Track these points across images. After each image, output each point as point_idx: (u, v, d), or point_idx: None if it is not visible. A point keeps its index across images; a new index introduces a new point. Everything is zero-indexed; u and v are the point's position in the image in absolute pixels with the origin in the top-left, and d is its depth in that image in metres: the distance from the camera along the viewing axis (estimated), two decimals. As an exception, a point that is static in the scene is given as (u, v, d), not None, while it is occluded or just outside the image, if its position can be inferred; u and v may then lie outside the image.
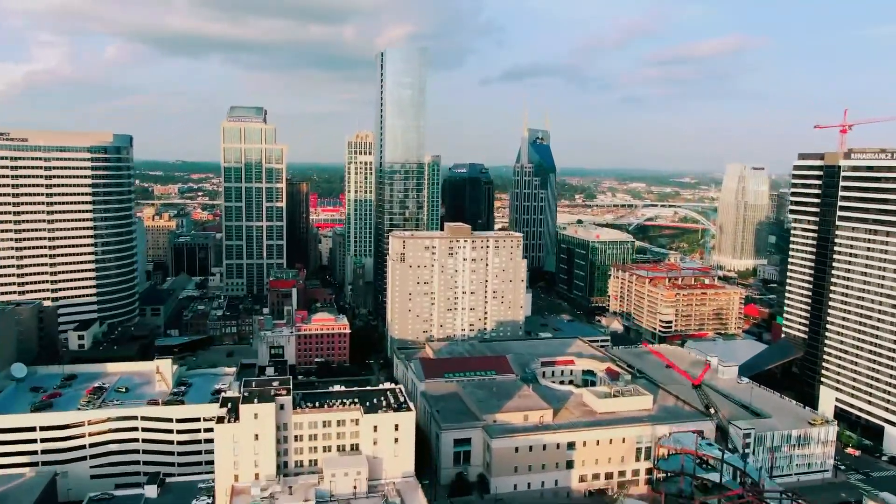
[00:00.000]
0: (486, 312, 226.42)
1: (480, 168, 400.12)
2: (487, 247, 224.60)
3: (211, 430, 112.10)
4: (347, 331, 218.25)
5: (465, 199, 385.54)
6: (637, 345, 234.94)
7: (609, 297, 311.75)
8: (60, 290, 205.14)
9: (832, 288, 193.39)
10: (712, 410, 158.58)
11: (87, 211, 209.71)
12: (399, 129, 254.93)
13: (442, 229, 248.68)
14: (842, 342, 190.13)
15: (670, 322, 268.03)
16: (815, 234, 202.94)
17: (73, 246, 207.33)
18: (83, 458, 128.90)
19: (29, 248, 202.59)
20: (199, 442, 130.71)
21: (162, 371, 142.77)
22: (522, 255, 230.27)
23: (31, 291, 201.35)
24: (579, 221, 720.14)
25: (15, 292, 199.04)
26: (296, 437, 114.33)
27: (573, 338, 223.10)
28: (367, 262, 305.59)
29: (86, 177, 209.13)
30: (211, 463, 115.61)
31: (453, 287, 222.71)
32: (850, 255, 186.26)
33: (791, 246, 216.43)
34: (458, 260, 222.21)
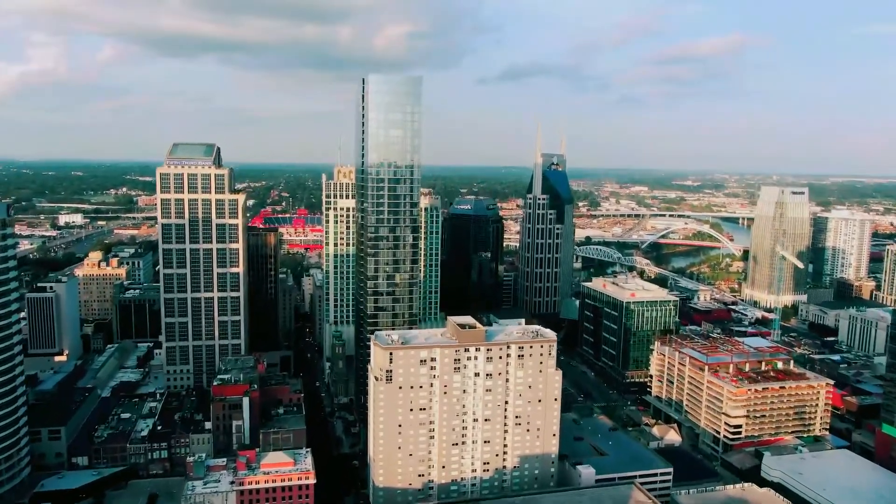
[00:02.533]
0: (505, 445, 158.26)
1: (487, 203, 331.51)
2: (508, 355, 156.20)
3: None
4: (311, 481, 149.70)
5: (470, 240, 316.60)
6: (710, 486, 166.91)
7: (650, 374, 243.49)
8: None
9: None
10: None
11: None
12: (386, 180, 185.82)
13: (444, 323, 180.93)
14: None
15: (740, 427, 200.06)
16: None
17: None
18: None
19: None
20: None
21: None
22: (557, 365, 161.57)
23: None
24: (588, 239, 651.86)
25: None
26: None
27: (626, 482, 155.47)
28: (348, 332, 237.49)
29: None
30: None
31: (461, 414, 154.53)
32: None
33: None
34: (468, 375, 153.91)
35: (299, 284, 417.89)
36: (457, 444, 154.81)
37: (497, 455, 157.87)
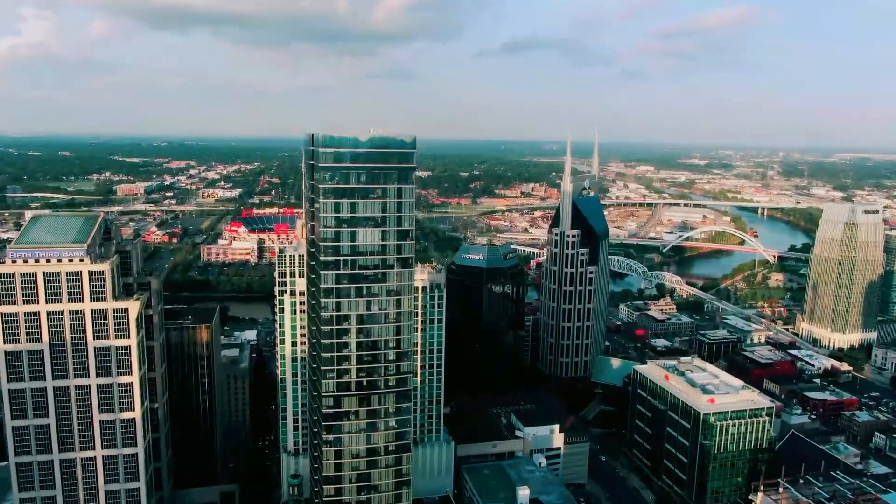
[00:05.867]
0: None
1: (505, 251, 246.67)
2: None
3: None
4: None
5: (482, 301, 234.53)
6: None
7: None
8: None
9: None
10: None
11: None
12: (353, 318, 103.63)
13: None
14: None
15: None
16: None
17: None
18: None
19: None
20: None
21: None
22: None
23: None
24: (610, 246, 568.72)
25: None
26: None
27: None
28: (305, 467, 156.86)
29: None
30: None
31: None
32: None
33: None
34: None
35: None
36: None
37: None
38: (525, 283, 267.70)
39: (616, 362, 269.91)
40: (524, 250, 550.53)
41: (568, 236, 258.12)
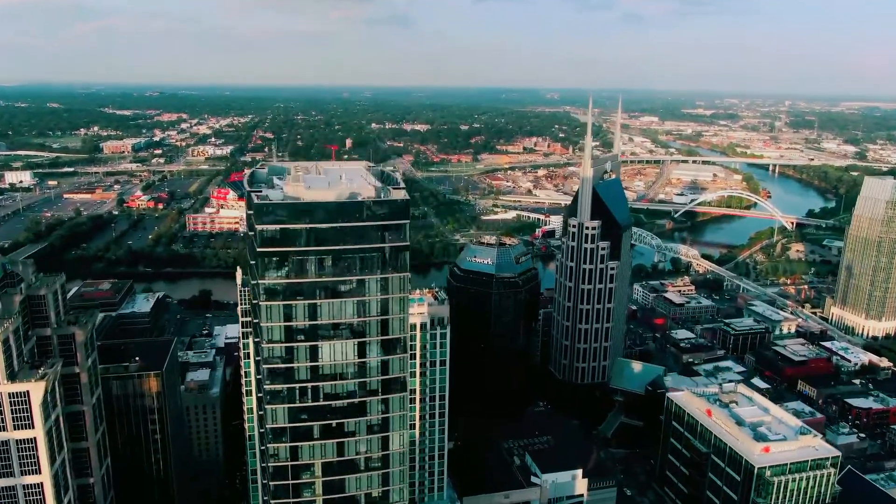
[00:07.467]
0: None
1: (517, 253, 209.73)
2: None
3: None
4: None
5: (490, 311, 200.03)
6: None
7: None
8: None
9: None
10: None
11: None
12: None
13: None
14: None
15: None
16: None
17: None
18: None
19: None
20: None
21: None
22: None
23: None
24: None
25: None
26: None
27: None
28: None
29: None
30: None
31: None
32: None
33: None
34: None
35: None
36: None
37: None
38: (537, 287, 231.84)
39: (637, 366, 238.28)
40: (528, 216, 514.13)
41: (587, 228, 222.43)
